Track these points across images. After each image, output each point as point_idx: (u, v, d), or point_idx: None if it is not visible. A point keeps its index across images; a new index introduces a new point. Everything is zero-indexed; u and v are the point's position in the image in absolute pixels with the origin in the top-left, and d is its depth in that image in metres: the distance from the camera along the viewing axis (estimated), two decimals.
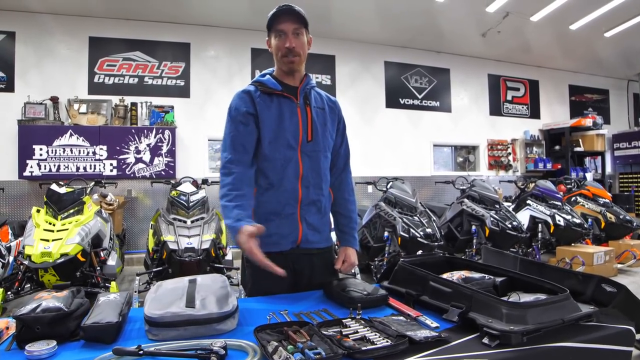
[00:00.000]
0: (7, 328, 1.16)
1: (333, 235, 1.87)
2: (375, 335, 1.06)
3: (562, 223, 5.11)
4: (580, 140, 8.77)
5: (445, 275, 1.41)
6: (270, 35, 1.64)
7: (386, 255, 4.31)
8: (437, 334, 1.06)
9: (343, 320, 1.17)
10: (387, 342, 1.01)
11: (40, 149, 5.49)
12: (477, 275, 1.41)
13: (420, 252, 4.05)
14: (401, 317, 1.20)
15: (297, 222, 1.62)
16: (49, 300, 1.16)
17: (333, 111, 1.76)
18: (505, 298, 1.24)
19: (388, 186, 4.84)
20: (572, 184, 6.53)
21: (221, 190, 1.55)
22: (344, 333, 1.07)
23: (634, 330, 1.19)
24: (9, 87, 5.76)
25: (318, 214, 1.68)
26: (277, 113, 1.62)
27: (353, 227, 1.82)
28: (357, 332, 1.08)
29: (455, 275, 1.40)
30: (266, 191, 1.62)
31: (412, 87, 7.92)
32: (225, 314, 1.16)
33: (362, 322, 1.16)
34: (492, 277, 1.40)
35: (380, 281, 1.62)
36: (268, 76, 1.68)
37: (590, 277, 1.34)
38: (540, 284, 1.31)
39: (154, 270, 3.70)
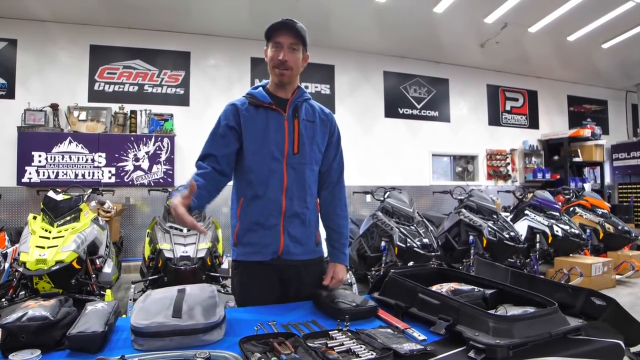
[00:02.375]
0: None
1: (324, 247, 1.86)
2: (361, 347, 1.05)
3: (560, 233, 5.10)
4: (578, 150, 8.78)
5: (434, 287, 1.41)
6: (268, 45, 1.65)
7: (383, 265, 4.29)
8: (422, 347, 1.06)
9: (330, 332, 1.16)
10: (372, 354, 1.01)
11: (39, 156, 5.50)
12: (466, 287, 1.40)
13: (411, 263, 4.05)
14: (389, 330, 1.20)
15: (279, 234, 1.62)
16: (36, 308, 1.16)
17: (325, 124, 1.75)
18: (492, 311, 1.23)
19: (385, 196, 4.83)
20: (571, 195, 6.52)
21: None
22: (329, 345, 1.06)
23: (622, 344, 1.18)
24: (10, 94, 5.80)
25: (302, 226, 1.67)
26: (262, 125, 1.63)
27: (344, 243, 1.81)
28: (342, 344, 1.08)
29: (444, 287, 1.40)
30: (251, 202, 1.63)
31: (411, 97, 7.96)
32: (211, 325, 1.16)
33: (349, 334, 1.16)
34: (481, 289, 1.40)
35: (371, 292, 1.62)
36: (260, 88, 1.70)
37: (579, 290, 1.34)
38: (529, 296, 1.31)
39: (150, 278, 3.68)
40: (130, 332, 1.16)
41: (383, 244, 4.35)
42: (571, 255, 5.22)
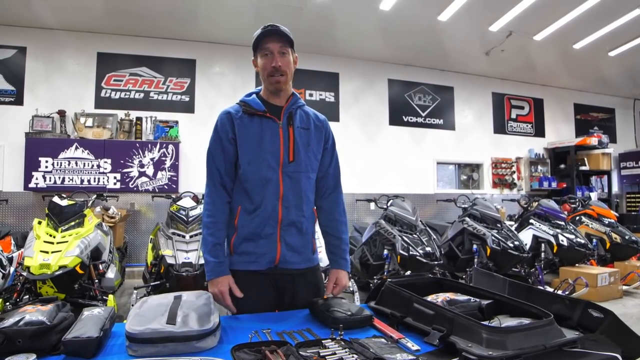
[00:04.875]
0: None
1: (323, 255, 1.86)
2: (353, 357, 1.05)
3: (565, 243, 5.04)
4: (585, 159, 8.70)
5: (430, 298, 1.40)
6: (256, 55, 1.67)
7: (385, 273, 4.27)
8: (415, 357, 1.05)
9: (323, 341, 1.16)
10: None
11: (46, 161, 5.57)
12: (462, 297, 1.39)
13: (409, 272, 4.02)
14: (382, 339, 1.19)
15: (276, 243, 1.62)
16: (33, 313, 1.18)
17: (319, 130, 1.75)
18: (487, 322, 1.22)
19: (388, 204, 4.82)
20: (577, 204, 6.45)
21: (204, 215, 1.66)
22: (321, 354, 1.06)
23: (619, 358, 1.16)
24: (18, 101, 5.88)
25: (298, 235, 1.67)
26: (257, 134, 1.63)
27: (344, 248, 1.80)
28: (335, 353, 1.07)
29: (440, 298, 1.39)
30: (248, 211, 1.63)
31: (416, 104, 7.96)
32: (205, 332, 1.16)
33: (342, 343, 1.15)
34: (477, 299, 1.39)
35: (368, 301, 1.61)
36: (254, 96, 1.70)
37: (577, 302, 1.33)
38: (525, 307, 1.30)
39: (152, 284, 3.70)
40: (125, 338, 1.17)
41: (385, 252, 4.32)
42: (577, 265, 5.15)
